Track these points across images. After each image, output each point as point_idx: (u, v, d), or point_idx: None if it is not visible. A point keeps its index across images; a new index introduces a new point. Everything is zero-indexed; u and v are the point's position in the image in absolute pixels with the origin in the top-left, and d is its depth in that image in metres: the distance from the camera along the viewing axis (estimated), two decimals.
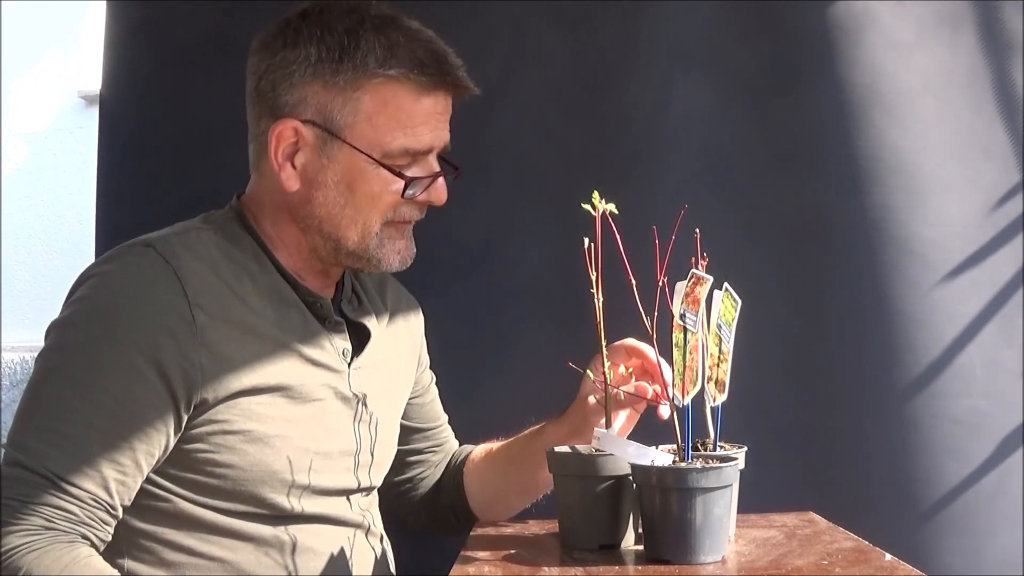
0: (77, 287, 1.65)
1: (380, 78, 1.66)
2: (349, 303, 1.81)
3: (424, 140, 1.69)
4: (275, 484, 1.65)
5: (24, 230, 6.23)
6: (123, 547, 1.62)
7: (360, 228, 1.70)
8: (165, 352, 1.58)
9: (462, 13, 2.26)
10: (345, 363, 1.75)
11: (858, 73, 2.21)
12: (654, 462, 1.51)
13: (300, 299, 1.72)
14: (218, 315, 1.62)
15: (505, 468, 1.95)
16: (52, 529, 1.52)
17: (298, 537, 1.69)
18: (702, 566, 1.45)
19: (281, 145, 1.69)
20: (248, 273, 1.69)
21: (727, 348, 1.60)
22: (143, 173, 2.36)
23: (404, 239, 1.74)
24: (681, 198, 1.89)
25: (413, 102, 1.68)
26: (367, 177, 1.68)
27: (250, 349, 1.64)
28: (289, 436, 1.66)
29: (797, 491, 2.08)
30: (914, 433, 2.17)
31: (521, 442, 1.93)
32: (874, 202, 2.20)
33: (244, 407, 1.63)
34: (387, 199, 1.69)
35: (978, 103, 2.25)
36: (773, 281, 2.20)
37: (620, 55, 2.26)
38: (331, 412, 1.72)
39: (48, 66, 6.32)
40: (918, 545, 2.13)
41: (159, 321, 1.58)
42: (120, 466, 1.56)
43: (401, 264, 1.74)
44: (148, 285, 1.60)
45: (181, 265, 1.62)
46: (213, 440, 1.62)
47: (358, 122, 1.67)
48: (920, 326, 2.19)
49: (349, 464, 1.75)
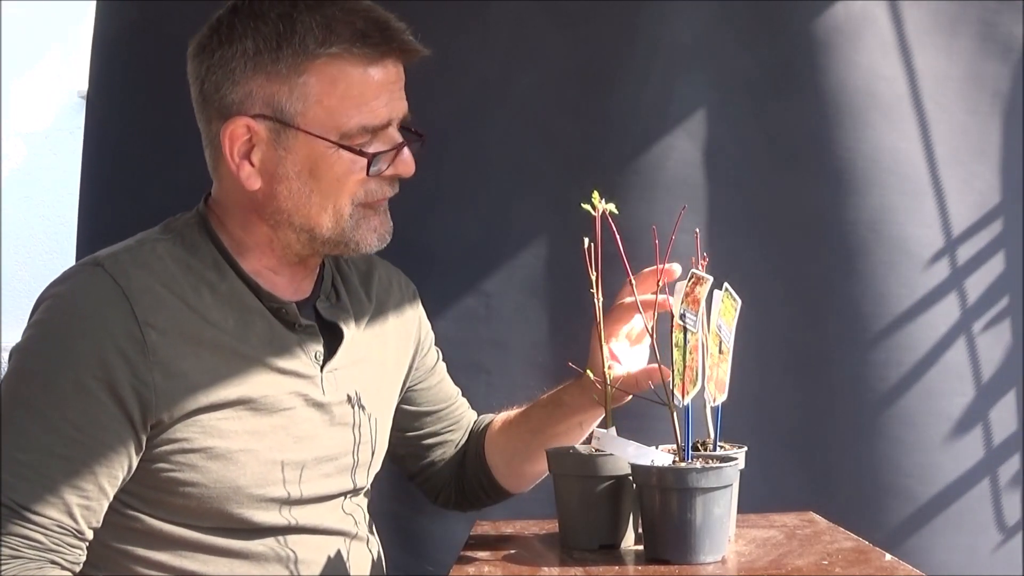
0: (34, 310, 1.63)
1: (323, 58, 1.61)
2: (327, 300, 1.76)
3: (380, 114, 1.63)
4: (241, 499, 1.62)
5: (24, 230, 6.23)
6: (99, 563, 1.60)
7: (331, 214, 1.65)
8: (117, 373, 1.54)
9: (462, 13, 2.27)
10: (317, 367, 1.69)
11: (856, 75, 2.21)
12: (654, 462, 1.51)
13: (264, 305, 1.67)
14: (172, 331, 1.58)
15: (528, 440, 1.89)
16: (19, 558, 1.50)
17: (274, 548, 1.65)
18: (702, 566, 1.45)
19: (235, 145, 1.64)
20: (206, 283, 1.64)
21: (727, 348, 1.60)
22: (129, 175, 2.33)
23: (379, 216, 1.68)
24: (681, 198, 1.90)
25: (362, 76, 1.62)
26: (329, 161, 1.63)
27: (208, 364, 1.60)
28: (255, 449, 1.62)
29: (797, 491, 2.08)
30: (911, 431, 2.18)
31: (539, 412, 1.87)
32: (871, 203, 2.20)
33: (204, 424, 1.59)
34: (353, 180, 1.64)
35: (975, 105, 2.26)
36: (773, 281, 2.20)
37: (620, 55, 2.26)
38: (302, 420, 1.67)
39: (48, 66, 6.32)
40: (914, 542, 2.14)
41: (109, 343, 1.55)
42: (83, 491, 1.54)
43: (380, 242, 1.69)
44: (97, 306, 1.57)
45: (131, 284, 1.58)
46: (174, 459, 1.59)
47: (309, 107, 1.62)
48: (917, 326, 2.19)
49: (327, 470, 1.70)
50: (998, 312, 2.24)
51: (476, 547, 1.65)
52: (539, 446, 1.83)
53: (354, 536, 1.76)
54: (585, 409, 1.79)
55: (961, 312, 2.22)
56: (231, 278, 1.67)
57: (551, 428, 1.84)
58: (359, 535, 1.77)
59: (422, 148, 1.71)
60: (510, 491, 1.96)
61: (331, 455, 1.71)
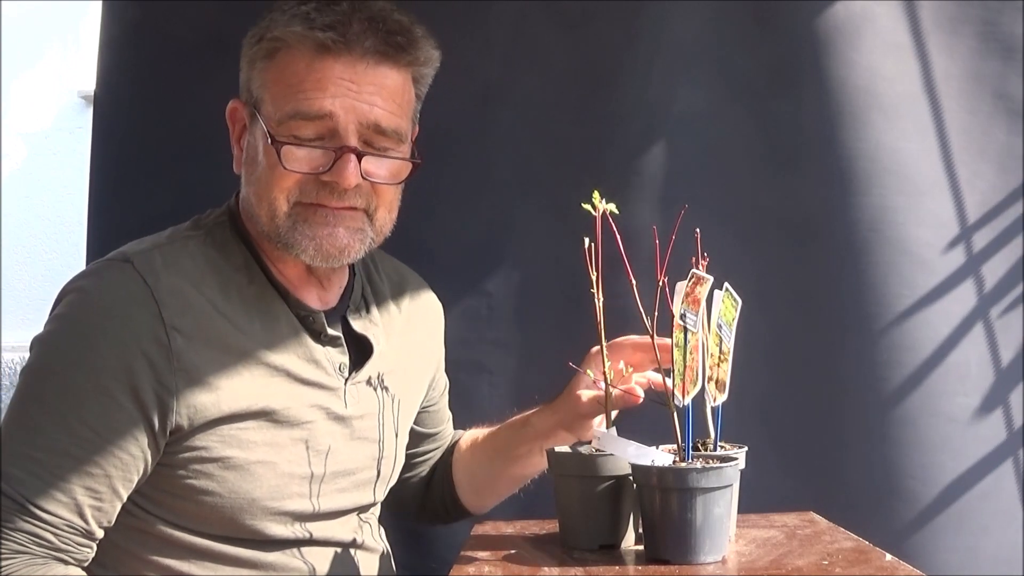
0: (58, 302, 1.60)
1: (281, 46, 1.59)
2: (357, 311, 1.73)
3: (316, 104, 1.56)
4: (255, 511, 1.60)
5: (24, 230, 6.24)
6: (107, 562, 1.59)
7: (267, 207, 1.60)
8: (140, 378, 1.52)
9: (462, 13, 2.27)
10: (341, 380, 1.67)
11: (856, 74, 2.21)
12: (654, 462, 1.51)
13: (292, 312, 1.65)
14: (198, 337, 1.56)
15: (492, 458, 1.91)
16: (24, 553, 1.50)
17: (285, 560, 1.64)
18: (702, 566, 1.45)
19: (235, 127, 1.67)
20: (235, 285, 1.62)
21: (727, 348, 1.60)
22: (138, 174, 2.34)
23: (326, 226, 1.60)
24: (681, 198, 1.89)
25: (307, 63, 1.57)
26: (266, 150, 1.60)
27: (232, 372, 1.57)
28: (273, 462, 1.60)
29: (797, 491, 2.08)
30: (912, 432, 2.18)
31: (506, 432, 1.88)
32: (872, 203, 2.20)
33: (224, 433, 1.57)
34: (278, 173, 1.58)
35: (975, 105, 2.26)
36: (773, 281, 2.20)
37: (620, 55, 2.27)
38: (322, 433, 1.65)
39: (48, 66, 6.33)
40: (916, 543, 2.14)
41: (134, 346, 1.52)
42: (95, 493, 1.53)
43: (316, 252, 1.60)
44: (124, 306, 1.54)
45: (159, 284, 1.55)
46: (191, 467, 1.57)
47: (264, 93, 1.61)
48: (917, 326, 2.19)
49: (343, 485, 1.69)
50: (999, 312, 2.24)
51: (476, 547, 1.65)
52: (501, 465, 1.87)
53: (368, 548, 1.75)
54: (549, 434, 1.79)
55: (962, 312, 2.22)
56: (260, 281, 1.65)
57: (514, 449, 1.86)
58: (372, 547, 1.76)
59: (414, 172, 1.68)
60: (469, 509, 1.96)
61: (349, 469, 1.69)
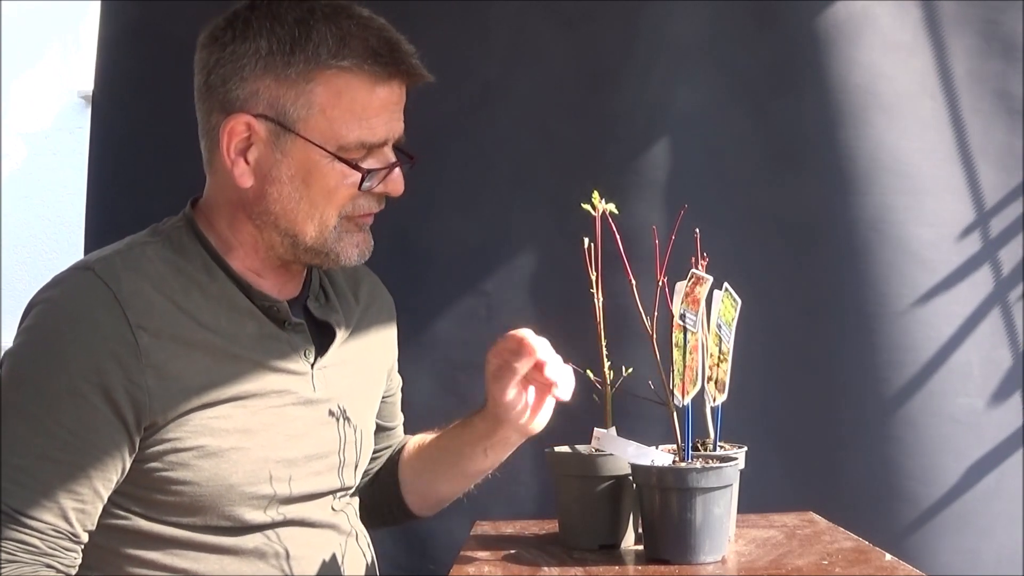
0: (26, 315, 1.62)
1: (333, 69, 1.62)
2: (316, 300, 1.77)
3: (379, 132, 1.65)
4: (233, 497, 1.62)
5: (24, 230, 6.24)
6: (90, 562, 1.60)
7: (317, 223, 1.66)
8: (110, 377, 1.55)
9: (462, 13, 2.27)
10: (308, 364, 1.71)
11: (857, 74, 2.21)
12: (654, 462, 1.51)
13: (255, 305, 1.68)
14: (164, 334, 1.59)
15: (436, 460, 1.91)
16: (15, 562, 1.51)
17: (265, 545, 1.66)
18: (702, 566, 1.45)
19: (233, 140, 1.65)
20: (197, 285, 1.65)
21: (727, 348, 1.60)
22: (136, 174, 2.34)
23: (362, 232, 1.70)
24: (681, 198, 1.89)
25: (368, 93, 1.64)
26: (323, 171, 1.64)
27: (200, 365, 1.60)
28: (246, 447, 1.63)
29: (797, 491, 2.08)
30: (912, 432, 2.18)
31: (450, 434, 1.90)
32: (872, 202, 2.20)
33: (196, 423, 1.60)
34: (343, 192, 1.65)
35: (976, 104, 2.26)
36: (773, 281, 2.20)
37: (620, 55, 2.27)
38: (293, 418, 1.68)
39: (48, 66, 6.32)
40: (917, 544, 2.13)
41: (103, 348, 1.55)
42: (78, 495, 1.54)
43: (360, 257, 1.70)
44: (90, 311, 1.57)
45: (121, 287, 1.58)
46: (167, 459, 1.59)
47: (312, 115, 1.63)
48: (918, 326, 2.19)
49: (318, 468, 1.71)
50: (997, 311, 2.24)
51: (476, 547, 1.65)
52: (445, 466, 1.88)
53: (345, 533, 1.76)
54: (491, 435, 1.79)
55: (963, 312, 2.21)
56: (221, 279, 1.68)
57: (457, 449, 1.86)
58: (350, 532, 1.77)
59: (411, 168, 1.71)
60: (413, 512, 1.96)
61: (321, 453, 1.72)
